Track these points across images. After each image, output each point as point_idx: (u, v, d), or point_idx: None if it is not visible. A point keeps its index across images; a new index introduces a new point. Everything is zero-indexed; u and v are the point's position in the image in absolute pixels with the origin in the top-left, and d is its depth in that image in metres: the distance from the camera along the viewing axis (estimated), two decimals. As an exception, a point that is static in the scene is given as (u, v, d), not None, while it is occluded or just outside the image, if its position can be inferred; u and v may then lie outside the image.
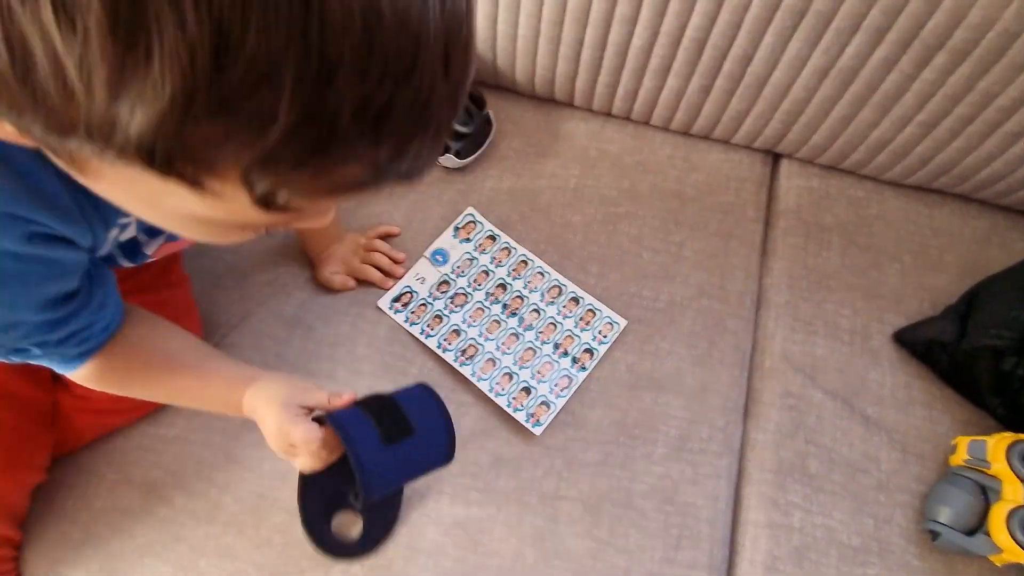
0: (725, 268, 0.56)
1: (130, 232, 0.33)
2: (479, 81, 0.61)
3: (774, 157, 0.63)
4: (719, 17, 0.49)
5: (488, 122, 0.58)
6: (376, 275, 0.53)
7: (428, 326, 0.51)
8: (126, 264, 0.36)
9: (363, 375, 0.49)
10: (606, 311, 0.52)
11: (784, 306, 0.55)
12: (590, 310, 0.52)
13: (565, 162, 0.60)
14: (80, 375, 0.35)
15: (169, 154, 0.14)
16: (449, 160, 0.56)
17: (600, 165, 0.60)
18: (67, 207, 0.26)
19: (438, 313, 0.51)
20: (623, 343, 0.52)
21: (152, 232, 0.34)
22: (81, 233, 0.27)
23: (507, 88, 0.62)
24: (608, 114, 0.61)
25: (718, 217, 0.58)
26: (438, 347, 0.50)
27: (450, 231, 0.55)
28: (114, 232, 0.31)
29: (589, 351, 0.51)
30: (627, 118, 0.61)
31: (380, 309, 0.52)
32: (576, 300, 0.53)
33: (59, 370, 0.34)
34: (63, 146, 0.15)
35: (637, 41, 0.52)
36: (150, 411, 0.46)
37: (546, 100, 0.62)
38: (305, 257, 0.54)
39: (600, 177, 0.59)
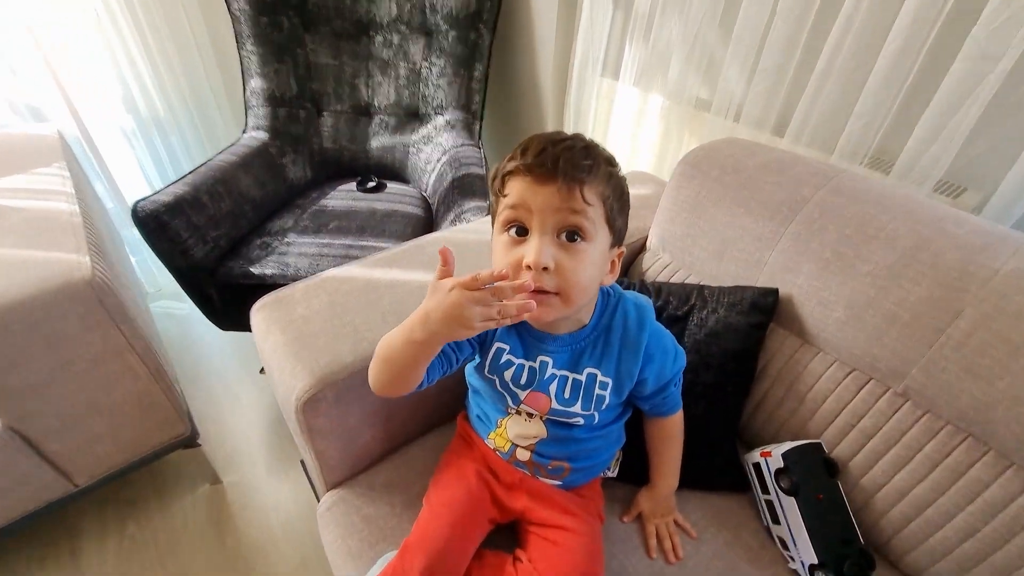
0: None
1: (509, 374, 0.63)
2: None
3: None
4: None
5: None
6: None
7: None
8: (510, 403, 0.66)
9: None
10: None
11: None
12: None
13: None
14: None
15: (501, 181, 0.55)
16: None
17: None
18: None
19: None
20: None
21: (520, 383, 0.63)
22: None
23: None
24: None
25: None
26: None
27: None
28: (492, 350, 0.64)
29: None
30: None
31: None
32: None
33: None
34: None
35: None
36: None
37: None
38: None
39: None
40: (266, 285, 1.24)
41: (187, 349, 1.67)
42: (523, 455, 0.68)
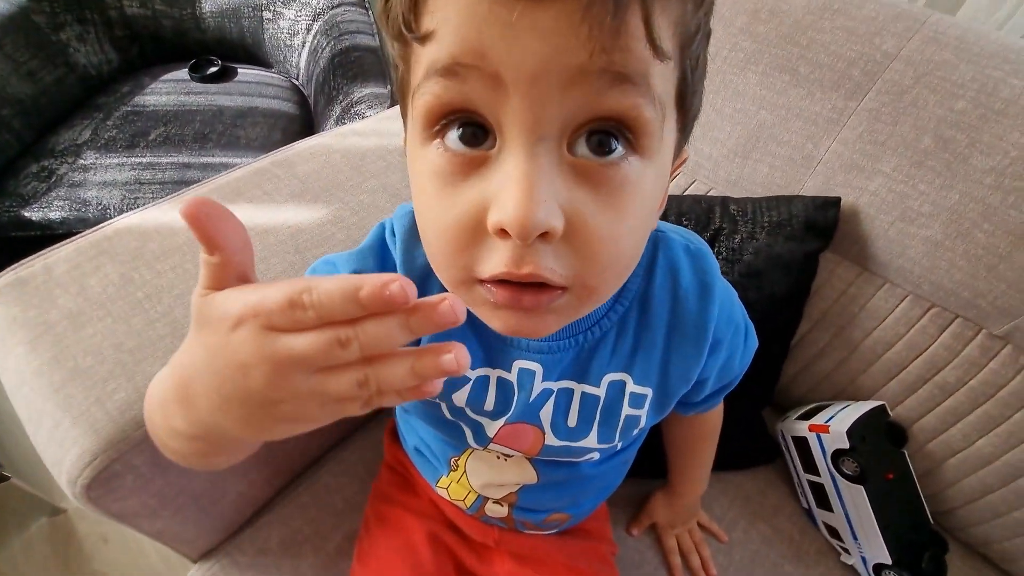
0: None
1: (462, 396, 0.34)
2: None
3: None
4: None
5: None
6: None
7: None
8: (471, 440, 0.37)
9: None
10: None
11: None
12: None
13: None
14: None
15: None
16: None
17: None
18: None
19: None
20: None
21: (484, 410, 0.35)
22: None
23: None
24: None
25: None
26: None
27: None
28: None
29: None
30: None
31: None
32: None
33: None
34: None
35: None
36: None
37: None
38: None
39: None
40: (57, 236, 0.82)
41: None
42: (497, 511, 0.43)
